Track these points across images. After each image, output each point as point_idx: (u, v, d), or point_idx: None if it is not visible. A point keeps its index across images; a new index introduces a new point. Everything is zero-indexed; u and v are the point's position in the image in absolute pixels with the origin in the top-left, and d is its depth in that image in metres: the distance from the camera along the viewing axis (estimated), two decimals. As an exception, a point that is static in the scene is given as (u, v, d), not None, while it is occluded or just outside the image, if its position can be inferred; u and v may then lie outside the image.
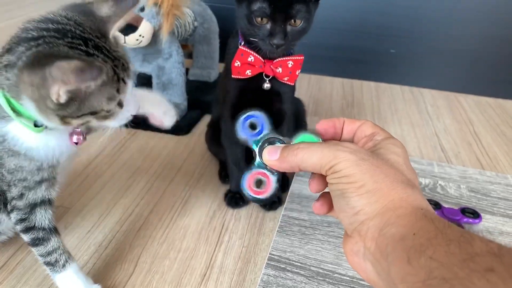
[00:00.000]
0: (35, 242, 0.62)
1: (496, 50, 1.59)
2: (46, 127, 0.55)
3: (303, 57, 0.79)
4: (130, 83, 0.55)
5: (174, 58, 1.20)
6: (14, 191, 0.58)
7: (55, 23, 0.49)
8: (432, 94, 1.63)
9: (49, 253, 0.62)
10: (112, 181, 1.01)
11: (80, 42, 0.48)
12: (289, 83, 0.81)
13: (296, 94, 0.91)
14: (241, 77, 0.80)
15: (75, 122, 0.51)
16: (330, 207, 0.43)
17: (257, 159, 0.46)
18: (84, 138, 0.61)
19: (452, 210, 0.90)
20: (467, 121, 1.42)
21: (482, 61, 1.61)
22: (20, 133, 0.55)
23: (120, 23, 0.53)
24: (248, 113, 0.46)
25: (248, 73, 0.79)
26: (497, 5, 1.51)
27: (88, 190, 0.97)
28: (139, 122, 0.67)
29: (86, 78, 0.45)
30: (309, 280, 0.74)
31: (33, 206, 0.60)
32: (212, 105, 1.09)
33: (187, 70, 1.50)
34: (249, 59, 0.78)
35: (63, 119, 0.50)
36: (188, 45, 1.52)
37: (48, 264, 0.63)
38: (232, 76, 0.80)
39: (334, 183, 0.38)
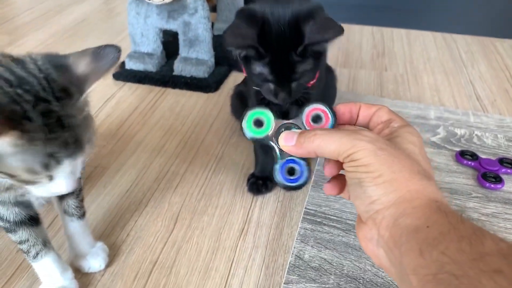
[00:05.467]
0: (6, 230, 0.62)
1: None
2: None
3: None
4: (69, 162, 0.47)
5: (200, 13, 1.18)
6: None
7: (23, 70, 0.45)
8: (466, 39, 1.56)
9: (20, 242, 0.62)
10: (146, 140, 1.02)
11: (29, 99, 0.43)
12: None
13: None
14: None
15: None
16: (341, 189, 0.44)
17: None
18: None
19: (490, 161, 0.89)
20: (503, 67, 1.37)
21: (520, 2, 1.53)
22: None
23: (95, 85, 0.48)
24: (284, 160, 0.44)
25: None
26: None
27: (124, 150, 0.99)
28: (168, 81, 0.65)
29: None
30: (346, 233, 0.75)
31: None
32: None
33: (212, 25, 1.48)
34: None
35: None
36: (211, -1, 1.49)
37: (22, 251, 0.63)
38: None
39: (351, 171, 0.38)
